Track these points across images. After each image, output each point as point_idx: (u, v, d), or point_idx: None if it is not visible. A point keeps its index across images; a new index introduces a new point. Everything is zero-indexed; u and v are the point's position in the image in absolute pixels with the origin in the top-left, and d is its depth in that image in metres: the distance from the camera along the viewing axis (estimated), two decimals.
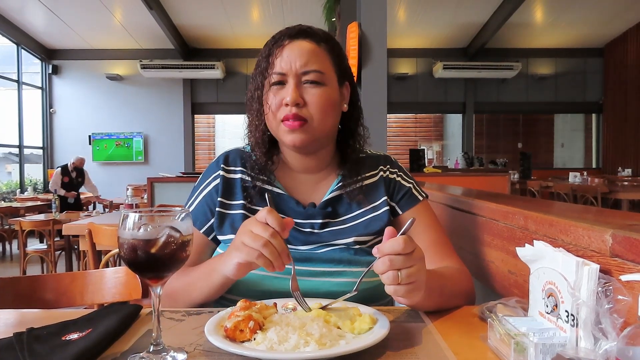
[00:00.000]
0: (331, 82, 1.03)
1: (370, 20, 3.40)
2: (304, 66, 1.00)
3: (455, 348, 0.73)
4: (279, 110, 1.01)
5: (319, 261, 1.01)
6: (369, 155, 1.16)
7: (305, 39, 1.03)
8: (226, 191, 1.08)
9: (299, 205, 1.07)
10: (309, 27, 1.06)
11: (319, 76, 1.01)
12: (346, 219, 1.07)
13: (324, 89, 1.01)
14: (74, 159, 7.31)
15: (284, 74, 1.00)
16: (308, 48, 1.02)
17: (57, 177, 7.03)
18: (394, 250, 0.76)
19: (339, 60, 1.07)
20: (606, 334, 0.60)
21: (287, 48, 1.02)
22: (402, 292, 0.78)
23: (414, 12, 8.83)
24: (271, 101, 1.02)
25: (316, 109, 1.00)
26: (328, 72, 1.03)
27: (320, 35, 1.05)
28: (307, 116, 1.00)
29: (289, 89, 0.99)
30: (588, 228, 0.74)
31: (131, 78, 10.23)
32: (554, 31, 9.78)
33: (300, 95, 0.99)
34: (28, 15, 8.62)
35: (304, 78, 1.00)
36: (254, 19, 9.01)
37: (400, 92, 10.30)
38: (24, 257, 4.85)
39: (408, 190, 1.12)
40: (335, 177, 1.11)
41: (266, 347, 0.69)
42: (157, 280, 0.71)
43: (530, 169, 8.61)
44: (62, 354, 0.67)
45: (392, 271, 0.76)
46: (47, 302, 1.22)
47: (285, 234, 0.82)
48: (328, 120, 1.03)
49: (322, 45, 1.04)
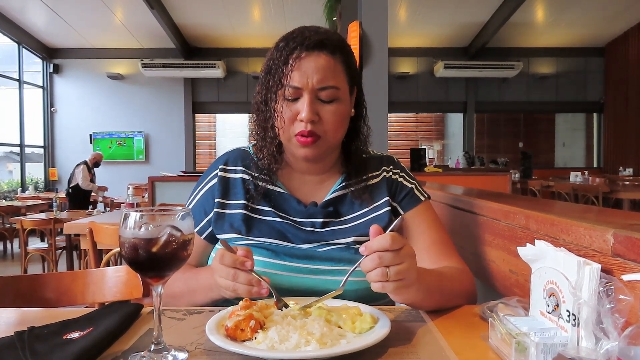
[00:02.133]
0: (345, 96, 1.03)
1: (371, 20, 3.39)
2: (321, 82, 0.98)
3: (456, 347, 0.73)
4: (292, 125, 1.00)
5: (319, 259, 1.01)
6: (372, 156, 1.16)
7: (322, 51, 1.00)
8: (224, 191, 1.09)
9: (300, 204, 1.07)
10: (326, 37, 1.02)
11: (334, 93, 1.00)
12: (348, 218, 1.07)
13: (338, 105, 1.01)
14: (91, 155, 7.42)
15: (300, 89, 0.99)
16: (325, 63, 0.99)
17: (85, 174, 7.08)
18: (382, 247, 0.76)
19: (351, 70, 1.06)
20: (607, 334, 0.60)
21: (305, 62, 0.99)
22: (390, 289, 0.78)
23: (414, 12, 8.82)
24: (285, 114, 1.00)
25: (331, 126, 1.01)
26: (343, 86, 1.02)
27: (335, 45, 1.02)
28: (321, 132, 1.00)
29: (304, 104, 0.98)
30: (589, 228, 0.74)
31: (132, 77, 10.23)
32: (555, 30, 9.76)
33: (315, 112, 0.99)
34: (29, 14, 8.62)
35: (320, 94, 0.99)
36: (255, 18, 9.01)
37: (401, 91, 10.29)
38: (25, 256, 4.85)
39: (410, 190, 1.12)
40: (338, 177, 1.12)
41: (267, 346, 0.69)
42: (158, 279, 0.71)
43: (531, 168, 8.60)
44: (63, 353, 0.67)
45: (380, 268, 0.76)
46: (48, 301, 1.22)
47: (249, 265, 0.82)
48: (340, 133, 1.05)
49: (337, 57, 1.02)
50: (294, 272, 1.00)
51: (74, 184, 7.12)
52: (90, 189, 7.12)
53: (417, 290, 0.83)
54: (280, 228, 1.04)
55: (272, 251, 1.01)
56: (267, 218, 1.06)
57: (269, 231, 1.03)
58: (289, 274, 1.00)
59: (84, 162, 7.25)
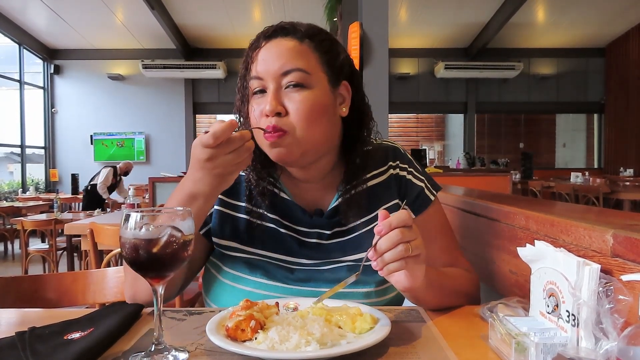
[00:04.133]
0: (319, 84, 0.90)
1: (371, 20, 3.40)
2: (283, 67, 0.88)
3: (456, 347, 0.73)
4: (260, 122, 0.89)
5: (322, 281, 0.95)
6: (375, 148, 1.03)
7: (285, 37, 0.90)
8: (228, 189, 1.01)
9: (305, 214, 0.99)
10: (290, 23, 0.92)
11: (302, 76, 0.88)
12: (355, 226, 0.99)
13: (308, 93, 0.88)
14: (122, 163, 7.08)
15: (262, 79, 0.89)
16: (287, 46, 0.89)
17: (107, 179, 6.73)
18: (402, 222, 0.75)
19: (330, 57, 0.93)
20: (607, 334, 0.60)
21: (265, 49, 0.90)
22: (412, 264, 0.76)
23: (415, 12, 8.82)
24: (255, 112, 0.91)
25: (299, 117, 0.87)
26: (314, 71, 0.90)
27: (302, 31, 0.92)
28: (288, 126, 0.87)
29: (268, 96, 0.88)
30: (589, 228, 0.74)
31: (133, 78, 10.24)
32: (556, 31, 9.76)
33: (281, 103, 0.87)
34: (30, 15, 8.64)
35: (284, 81, 0.88)
36: (256, 19, 9.01)
37: (401, 92, 10.29)
38: (25, 257, 4.86)
39: (420, 192, 1.04)
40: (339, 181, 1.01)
41: (267, 346, 0.69)
42: (158, 280, 0.71)
43: (531, 169, 8.59)
44: (63, 353, 0.68)
45: (402, 244, 0.74)
46: (48, 302, 1.22)
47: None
48: (315, 129, 0.89)
49: (305, 42, 0.91)
50: (293, 294, 0.93)
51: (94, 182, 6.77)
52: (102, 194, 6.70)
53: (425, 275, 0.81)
54: (284, 240, 0.97)
55: (270, 273, 0.95)
56: (271, 226, 0.99)
57: (271, 243, 0.97)
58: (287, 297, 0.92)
59: (112, 166, 6.94)
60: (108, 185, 6.77)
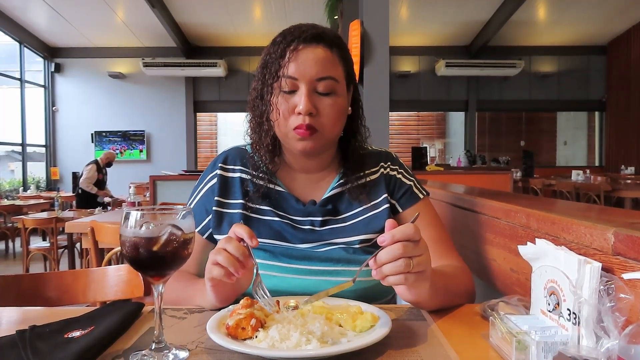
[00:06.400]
0: (342, 90, 1.03)
1: (372, 18, 3.39)
2: (319, 73, 0.98)
3: (457, 346, 0.73)
4: (290, 118, 0.99)
5: (317, 260, 1.00)
6: (370, 152, 1.15)
7: (319, 45, 1.00)
8: (224, 190, 1.09)
9: (299, 203, 1.07)
10: (322, 31, 1.02)
11: (332, 85, 0.99)
12: (347, 216, 1.07)
13: (336, 99, 1.00)
14: (102, 155, 6.99)
15: (296, 80, 0.98)
16: (322, 55, 0.99)
17: (92, 174, 6.67)
18: (406, 236, 0.74)
19: (348, 66, 1.06)
20: (608, 333, 0.60)
21: (302, 53, 0.98)
22: (412, 281, 0.76)
23: (416, 10, 8.81)
24: (282, 107, 0.99)
25: (328, 120, 0.99)
26: (341, 80, 1.02)
27: (331, 40, 1.02)
28: (319, 126, 0.99)
29: (302, 96, 0.97)
30: (590, 226, 0.74)
31: (133, 76, 10.24)
32: (557, 29, 9.74)
33: (313, 105, 0.98)
34: (31, 13, 8.63)
35: (318, 86, 0.98)
36: (256, 17, 9.00)
37: (402, 90, 10.28)
38: (26, 255, 4.86)
39: (408, 188, 1.12)
40: (335, 175, 1.12)
41: (268, 344, 0.69)
42: (159, 278, 0.71)
43: (532, 167, 8.59)
44: (64, 352, 0.68)
45: (403, 259, 0.74)
46: (49, 300, 1.22)
47: (254, 242, 0.81)
48: (337, 128, 1.04)
49: (334, 51, 1.02)
50: (292, 273, 0.99)
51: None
52: (90, 190, 6.66)
53: (430, 285, 0.82)
54: (279, 228, 1.04)
55: (269, 252, 1.01)
56: (266, 217, 1.05)
57: (267, 231, 1.03)
58: (286, 275, 0.99)
59: (94, 161, 6.88)
60: (94, 182, 6.71)
